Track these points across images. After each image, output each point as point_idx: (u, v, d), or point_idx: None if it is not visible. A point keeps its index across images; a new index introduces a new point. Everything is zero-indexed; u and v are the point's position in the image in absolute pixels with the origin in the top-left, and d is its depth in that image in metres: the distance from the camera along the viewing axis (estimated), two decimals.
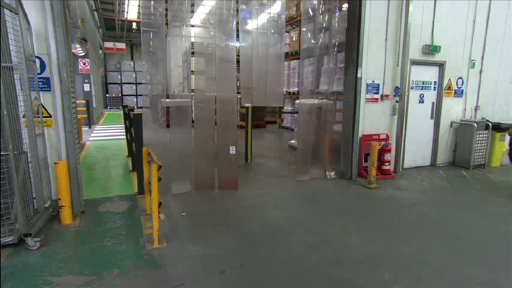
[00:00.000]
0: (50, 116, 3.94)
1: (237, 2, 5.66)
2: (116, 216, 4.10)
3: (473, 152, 6.54)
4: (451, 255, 3.26)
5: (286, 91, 11.21)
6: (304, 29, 6.26)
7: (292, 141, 8.96)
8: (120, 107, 18.86)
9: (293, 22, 11.29)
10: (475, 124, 6.45)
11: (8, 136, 3.06)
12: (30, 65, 3.53)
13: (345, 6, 5.71)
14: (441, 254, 3.29)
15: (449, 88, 6.54)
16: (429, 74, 6.41)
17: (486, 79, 6.82)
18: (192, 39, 6.03)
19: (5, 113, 3.04)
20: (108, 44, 20.12)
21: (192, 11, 12.80)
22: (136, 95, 23.33)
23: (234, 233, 3.73)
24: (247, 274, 2.92)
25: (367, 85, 5.71)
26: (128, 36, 21.67)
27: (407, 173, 6.21)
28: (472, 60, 6.61)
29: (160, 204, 3.31)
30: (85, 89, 13.12)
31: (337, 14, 5.82)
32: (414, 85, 6.28)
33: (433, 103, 6.56)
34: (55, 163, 3.73)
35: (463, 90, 6.68)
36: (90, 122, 12.45)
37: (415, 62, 6.09)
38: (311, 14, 6.03)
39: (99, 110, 16.90)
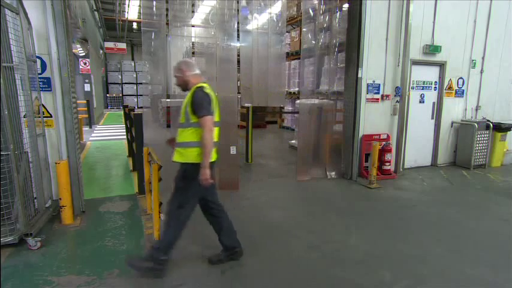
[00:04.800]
0: (51, 116, 3.95)
1: (238, 2, 5.67)
2: (116, 216, 4.11)
3: (474, 152, 6.52)
4: (451, 255, 3.26)
5: (287, 91, 11.20)
6: (304, 29, 6.26)
7: (292, 141, 8.96)
8: (121, 107, 18.88)
9: (293, 22, 11.28)
10: (476, 124, 6.44)
11: (9, 136, 3.07)
12: (31, 65, 3.54)
13: (346, 6, 5.70)
14: (441, 254, 3.29)
15: (450, 88, 6.53)
16: (430, 74, 6.40)
17: (487, 79, 6.81)
18: (193, 39, 6.04)
19: (6, 112, 3.05)
20: (109, 44, 20.11)
21: (193, 11, 12.82)
22: (137, 95, 23.32)
23: None
24: (247, 274, 2.92)
25: (368, 85, 5.71)
26: (129, 36, 21.67)
27: (408, 173, 6.21)
28: (473, 60, 6.60)
29: (161, 204, 3.32)
30: (86, 89, 13.13)
31: (337, 14, 5.82)
32: (415, 85, 6.28)
33: (433, 103, 6.55)
34: (56, 163, 3.73)
35: (463, 90, 6.67)
36: (90, 122, 12.46)
37: (415, 62, 6.08)
38: (311, 14, 6.02)
39: (99, 110, 16.92)
